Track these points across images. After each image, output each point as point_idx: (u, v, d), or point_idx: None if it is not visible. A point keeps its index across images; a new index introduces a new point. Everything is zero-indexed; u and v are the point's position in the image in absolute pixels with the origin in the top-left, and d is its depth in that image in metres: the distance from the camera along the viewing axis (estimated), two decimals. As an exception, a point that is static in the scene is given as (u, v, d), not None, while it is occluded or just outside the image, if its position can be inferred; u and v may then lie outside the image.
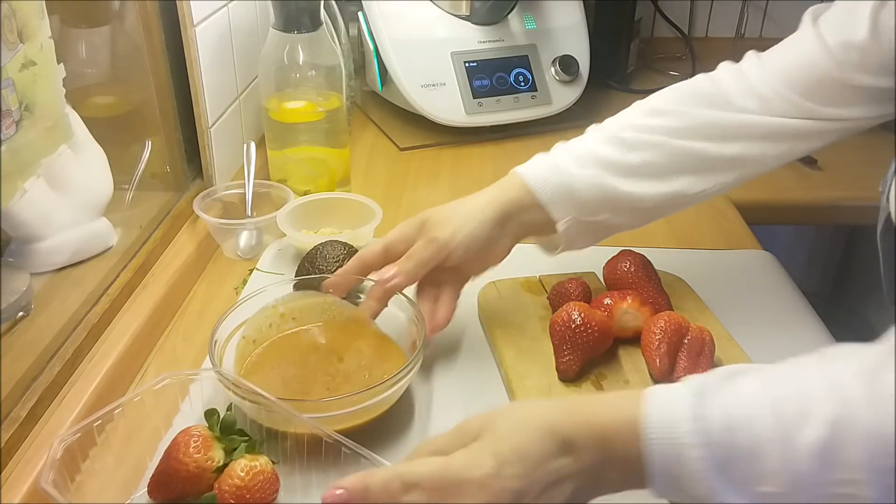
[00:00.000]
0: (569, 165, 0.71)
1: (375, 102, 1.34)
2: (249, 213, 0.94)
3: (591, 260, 0.90)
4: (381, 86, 1.25)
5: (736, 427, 0.43)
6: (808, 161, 1.15)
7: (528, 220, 0.73)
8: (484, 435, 0.49)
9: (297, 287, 0.74)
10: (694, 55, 1.58)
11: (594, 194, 0.71)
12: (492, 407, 0.54)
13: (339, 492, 0.48)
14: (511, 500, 0.46)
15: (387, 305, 0.72)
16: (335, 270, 0.78)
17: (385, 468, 0.50)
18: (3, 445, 0.58)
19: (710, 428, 0.44)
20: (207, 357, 0.65)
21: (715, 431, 0.43)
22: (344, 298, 0.74)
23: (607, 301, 0.73)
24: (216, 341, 0.66)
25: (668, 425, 0.45)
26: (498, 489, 0.46)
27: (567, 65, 1.25)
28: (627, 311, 0.72)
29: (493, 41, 1.23)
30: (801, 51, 0.73)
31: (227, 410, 0.59)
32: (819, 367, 0.46)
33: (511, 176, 0.73)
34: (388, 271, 0.69)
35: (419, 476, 0.47)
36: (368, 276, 0.73)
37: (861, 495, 0.41)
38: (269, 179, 1.00)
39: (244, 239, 0.93)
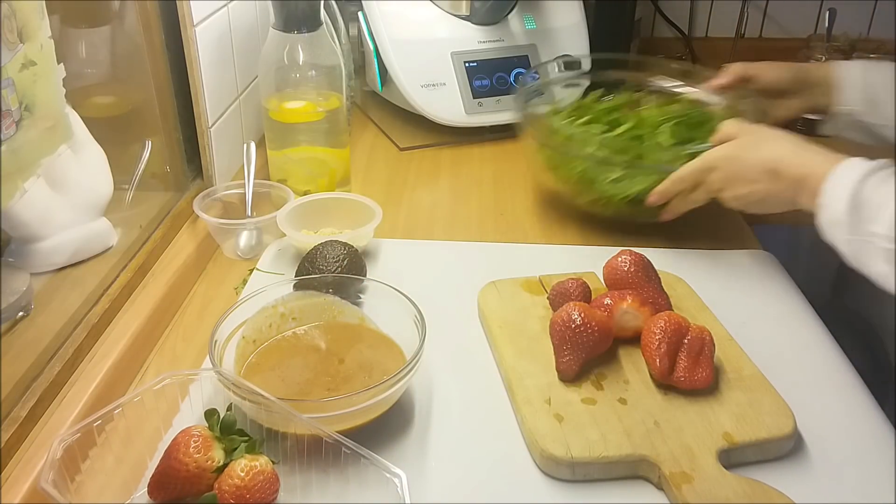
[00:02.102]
0: (874, 67, 0.96)
1: (375, 102, 1.34)
2: (249, 213, 0.94)
3: (591, 260, 0.90)
4: (381, 86, 1.25)
5: (871, 209, 0.68)
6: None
7: (818, 95, 0.98)
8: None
9: (297, 287, 0.75)
10: (694, 55, 1.58)
11: (884, 93, 0.93)
12: (492, 407, 0.62)
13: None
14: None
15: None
16: (335, 270, 0.78)
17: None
18: (3, 445, 0.58)
19: (856, 203, 0.69)
20: (207, 357, 0.65)
21: (858, 205, 0.69)
22: (344, 298, 0.74)
23: (607, 301, 0.73)
24: (216, 341, 0.66)
25: (833, 189, 0.71)
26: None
27: (567, 65, 1.24)
28: (627, 311, 0.72)
29: (493, 41, 1.23)
30: None
31: (227, 410, 0.59)
32: None
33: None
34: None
35: (711, 161, 0.83)
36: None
37: None
38: (269, 179, 1.00)
39: (244, 239, 0.93)
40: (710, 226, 1.01)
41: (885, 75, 0.96)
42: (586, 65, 1.19)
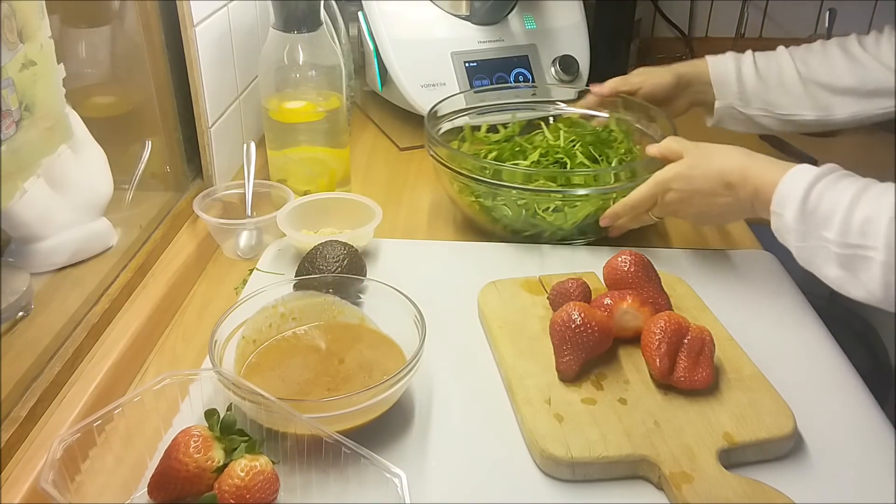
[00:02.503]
0: (747, 60, 1.01)
1: (375, 102, 1.34)
2: (249, 213, 0.94)
3: (591, 260, 0.90)
4: (381, 86, 1.25)
5: (821, 215, 0.70)
6: (809, 160, 1.15)
7: (699, 92, 1.03)
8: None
9: (297, 287, 0.74)
10: (694, 55, 1.58)
11: (756, 86, 0.99)
12: (492, 407, 0.63)
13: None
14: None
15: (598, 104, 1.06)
16: (335, 270, 0.78)
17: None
18: (3, 445, 0.58)
19: (806, 209, 0.71)
20: (207, 357, 0.65)
21: (807, 211, 0.71)
22: (344, 298, 0.74)
23: (607, 301, 0.73)
24: (216, 341, 0.66)
25: (782, 199, 0.73)
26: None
27: (567, 65, 1.24)
28: (627, 311, 0.72)
29: (493, 41, 1.23)
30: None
31: (227, 410, 0.59)
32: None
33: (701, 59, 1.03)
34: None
35: (664, 182, 0.84)
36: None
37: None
38: (269, 179, 1.00)
39: (244, 239, 0.93)
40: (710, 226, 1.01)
41: (757, 65, 1.00)
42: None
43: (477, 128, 1.06)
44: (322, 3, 0.96)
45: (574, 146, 0.99)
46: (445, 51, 1.20)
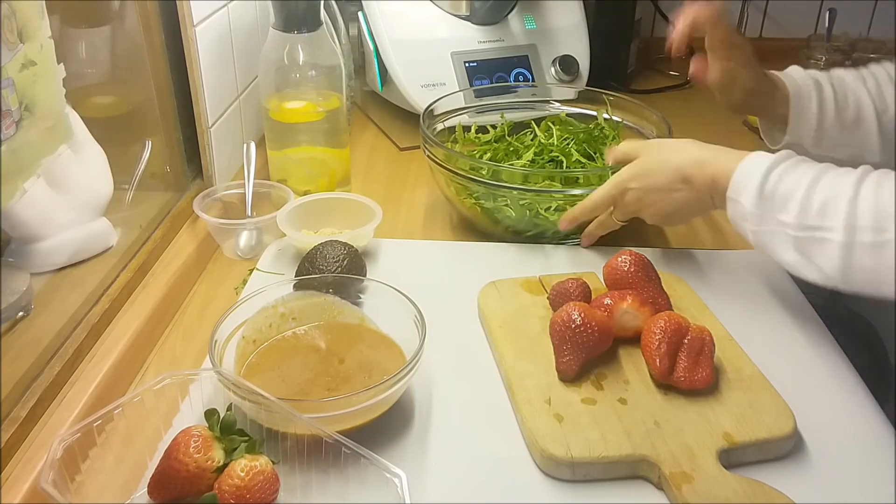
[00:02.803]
0: (827, 94, 0.92)
1: (375, 102, 1.34)
2: (249, 213, 0.94)
3: (591, 260, 0.90)
4: (381, 86, 1.25)
5: (779, 199, 0.70)
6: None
7: (763, 94, 0.93)
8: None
9: (297, 287, 0.74)
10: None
11: (832, 130, 0.91)
12: (492, 407, 0.64)
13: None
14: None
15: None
16: (335, 270, 0.78)
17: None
18: (3, 445, 0.58)
19: (763, 194, 0.71)
20: (207, 357, 0.65)
21: (765, 195, 0.71)
22: (344, 298, 0.74)
23: (607, 301, 0.73)
24: (216, 341, 0.66)
25: (739, 185, 0.74)
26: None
27: (567, 65, 1.24)
28: (627, 311, 0.72)
29: (493, 41, 1.23)
30: None
31: (227, 410, 0.59)
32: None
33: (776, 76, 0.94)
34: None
35: (622, 182, 0.83)
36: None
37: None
38: (269, 179, 1.00)
39: (244, 239, 0.93)
40: (710, 226, 1.01)
41: (837, 99, 0.92)
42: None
43: (468, 128, 1.06)
44: (322, 3, 0.96)
45: (568, 144, 0.99)
46: (445, 51, 1.20)
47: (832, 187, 0.68)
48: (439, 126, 1.05)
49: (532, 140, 1.03)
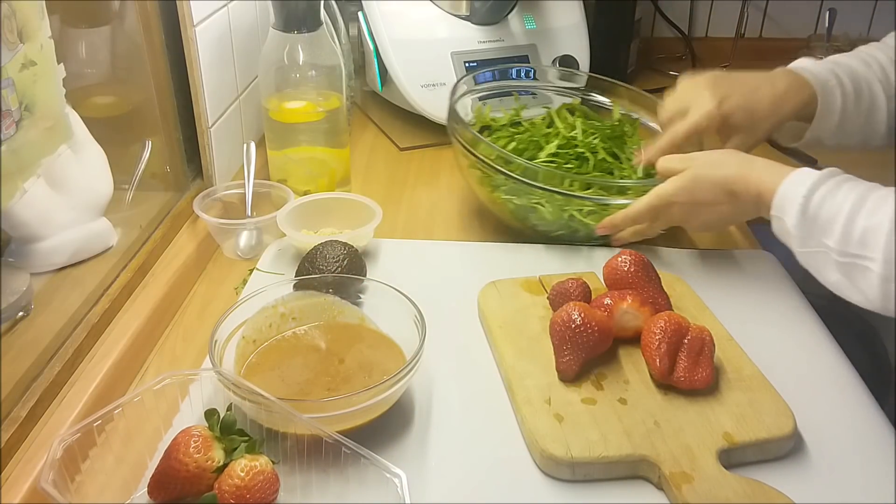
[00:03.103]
0: (847, 85, 0.91)
1: (375, 102, 1.34)
2: (249, 213, 0.94)
3: (591, 260, 0.90)
4: (381, 86, 1.25)
5: (822, 222, 0.70)
6: (809, 161, 1.15)
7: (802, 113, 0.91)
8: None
9: (297, 287, 0.74)
10: (694, 55, 1.58)
11: (853, 121, 0.91)
12: (492, 407, 0.64)
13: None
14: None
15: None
16: (335, 270, 0.78)
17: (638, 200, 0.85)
18: (3, 445, 0.58)
19: (807, 216, 0.71)
20: (207, 357, 0.65)
21: (808, 217, 0.71)
22: (344, 298, 0.74)
23: (607, 301, 0.73)
24: (216, 341, 0.66)
25: (782, 204, 0.74)
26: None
27: (567, 65, 1.24)
28: (627, 311, 0.72)
29: (493, 41, 1.23)
30: None
31: (227, 410, 0.59)
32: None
33: (798, 76, 0.92)
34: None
35: (667, 197, 0.83)
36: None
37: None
38: (269, 179, 1.00)
39: (244, 239, 0.93)
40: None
41: (857, 90, 0.92)
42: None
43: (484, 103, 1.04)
44: (322, 3, 0.96)
45: (594, 140, 0.97)
46: (445, 51, 1.20)
47: (874, 214, 0.68)
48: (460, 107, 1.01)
49: (549, 128, 1.00)
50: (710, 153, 0.84)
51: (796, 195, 0.72)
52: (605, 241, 0.92)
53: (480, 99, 1.08)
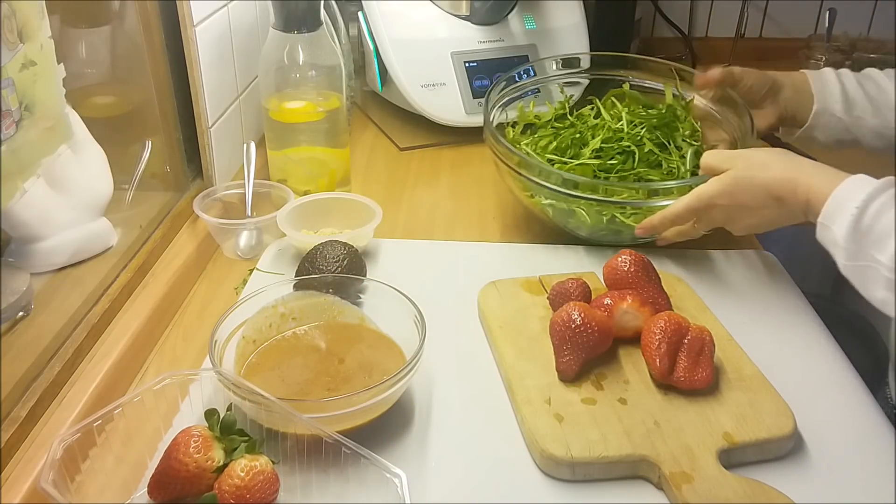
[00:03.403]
0: (845, 71, 0.98)
1: (375, 102, 1.34)
2: (249, 213, 0.94)
3: (591, 260, 0.90)
4: (381, 86, 1.25)
5: (875, 236, 0.66)
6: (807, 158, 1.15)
7: (789, 100, 0.97)
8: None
9: (297, 287, 0.74)
10: (694, 55, 1.58)
11: (856, 93, 0.96)
12: (492, 407, 0.64)
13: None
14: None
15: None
16: (335, 270, 0.78)
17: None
18: (3, 445, 0.58)
19: (860, 228, 0.67)
20: (207, 357, 0.65)
21: (861, 230, 0.67)
22: (344, 298, 0.74)
23: (607, 301, 0.73)
24: (216, 341, 0.66)
25: (833, 213, 0.69)
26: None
27: (567, 65, 1.24)
28: (627, 311, 0.72)
29: (493, 41, 1.23)
30: None
31: (227, 410, 0.59)
32: None
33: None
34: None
35: (707, 199, 0.80)
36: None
37: None
38: (269, 179, 1.00)
39: (244, 239, 0.93)
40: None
41: (856, 77, 0.97)
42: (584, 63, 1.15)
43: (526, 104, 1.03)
44: (322, 3, 0.96)
45: (641, 130, 0.93)
46: (445, 51, 1.20)
47: None
48: (496, 118, 1.00)
49: (597, 119, 0.97)
50: (755, 152, 0.79)
51: (849, 205, 0.68)
52: (650, 242, 0.90)
53: (515, 98, 1.06)
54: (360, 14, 1.22)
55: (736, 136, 0.94)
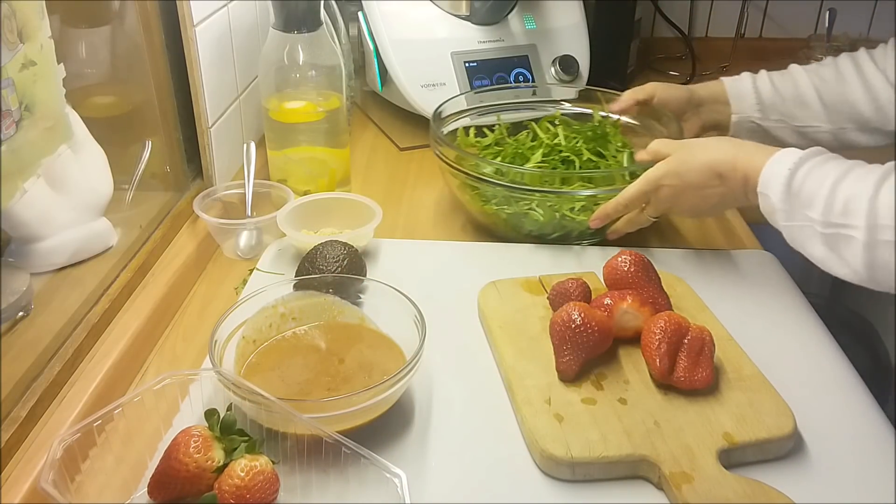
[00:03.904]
0: (762, 75, 1.02)
1: (375, 102, 1.34)
2: (249, 213, 0.94)
3: (591, 260, 0.90)
4: (381, 86, 1.25)
5: (805, 195, 0.72)
6: None
7: (712, 111, 1.04)
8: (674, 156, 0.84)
9: (297, 287, 0.74)
10: (694, 55, 1.58)
11: (773, 98, 1.00)
12: (492, 407, 0.64)
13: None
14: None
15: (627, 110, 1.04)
16: (335, 270, 0.78)
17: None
18: (3, 445, 0.58)
19: (791, 190, 0.73)
20: (207, 357, 0.65)
21: (792, 191, 0.73)
22: (344, 298, 0.74)
23: (607, 301, 0.73)
24: (216, 341, 0.66)
25: (767, 181, 0.75)
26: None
27: (567, 65, 1.24)
28: (627, 311, 0.72)
29: (493, 41, 1.23)
30: None
31: (227, 410, 0.59)
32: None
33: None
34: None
35: (654, 180, 0.84)
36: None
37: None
38: (269, 179, 1.00)
39: (244, 239, 0.93)
40: (710, 226, 1.01)
41: (773, 80, 1.01)
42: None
43: (467, 130, 1.06)
44: (322, 3, 0.96)
45: (578, 143, 0.99)
46: (445, 51, 1.20)
47: (855, 185, 0.69)
48: (445, 130, 1.05)
49: (534, 141, 1.02)
50: (700, 139, 0.85)
51: (781, 170, 0.73)
52: (599, 239, 0.93)
53: (480, 114, 1.11)
54: (360, 14, 1.22)
55: None
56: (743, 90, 1.02)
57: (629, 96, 1.03)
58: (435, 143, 0.96)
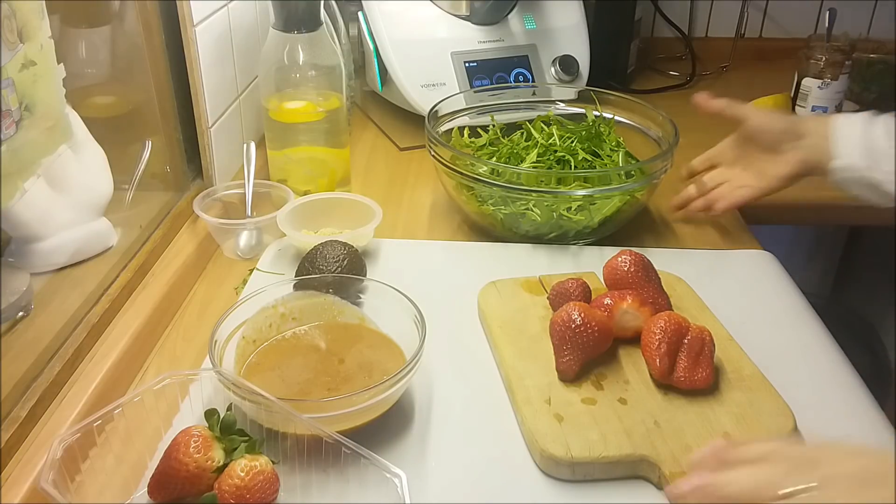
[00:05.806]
0: (881, 119, 0.85)
1: (375, 102, 1.34)
2: (249, 213, 0.94)
3: (591, 260, 0.90)
4: (381, 86, 1.25)
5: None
6: None
7: (813, 147, 0.87)
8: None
9: (297, 287, 0.75)
10: (694, 55, 1.58)
11: (885, 146, 0.83)
12: (492, 407, 0.63)
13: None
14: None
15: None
16: (335, 270, 0.78)
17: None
18: (3, 445, 0.58)
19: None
20: (207, 357, 0.65)
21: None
22: (344, 298, 0.74)
23: (607, 301, 0.73)
24: (216, 341, 0.66)
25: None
26: None
27: (567, 65, 1.24)
28: (627, 311, 0.72)
29: (493, 41, 1.23)
30: None
31: (227, 410, 0.59)
32: None
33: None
34: None
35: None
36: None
37: None
38: (269, 179, 1.00)
39: (244, 239, 0.93)
40: (710, 226, 1.01)
41: (887, 127, 0.84)
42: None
43: (461, 131, 1.05)
44: (322, 3, 0.96)
45: (572, 143, 0.98)
46: (445, 51, 1.20)
47: None
48: (440, 130, 1.04)
49: (528, 141, 1.02)
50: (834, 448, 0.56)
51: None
52: (595, 239, 0.93)
53: (479, 113, 1.10)
54: (360, 14, 1.22)
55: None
56: (849, 129, 0.85)
57: (723, 104, 0.93)
58: (430, 144, 0.96)
